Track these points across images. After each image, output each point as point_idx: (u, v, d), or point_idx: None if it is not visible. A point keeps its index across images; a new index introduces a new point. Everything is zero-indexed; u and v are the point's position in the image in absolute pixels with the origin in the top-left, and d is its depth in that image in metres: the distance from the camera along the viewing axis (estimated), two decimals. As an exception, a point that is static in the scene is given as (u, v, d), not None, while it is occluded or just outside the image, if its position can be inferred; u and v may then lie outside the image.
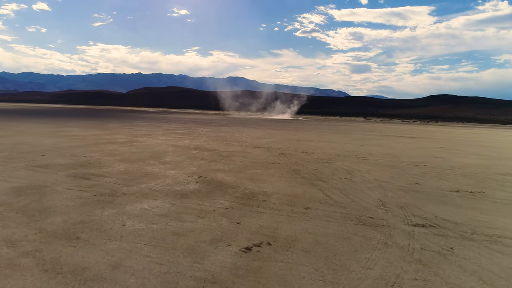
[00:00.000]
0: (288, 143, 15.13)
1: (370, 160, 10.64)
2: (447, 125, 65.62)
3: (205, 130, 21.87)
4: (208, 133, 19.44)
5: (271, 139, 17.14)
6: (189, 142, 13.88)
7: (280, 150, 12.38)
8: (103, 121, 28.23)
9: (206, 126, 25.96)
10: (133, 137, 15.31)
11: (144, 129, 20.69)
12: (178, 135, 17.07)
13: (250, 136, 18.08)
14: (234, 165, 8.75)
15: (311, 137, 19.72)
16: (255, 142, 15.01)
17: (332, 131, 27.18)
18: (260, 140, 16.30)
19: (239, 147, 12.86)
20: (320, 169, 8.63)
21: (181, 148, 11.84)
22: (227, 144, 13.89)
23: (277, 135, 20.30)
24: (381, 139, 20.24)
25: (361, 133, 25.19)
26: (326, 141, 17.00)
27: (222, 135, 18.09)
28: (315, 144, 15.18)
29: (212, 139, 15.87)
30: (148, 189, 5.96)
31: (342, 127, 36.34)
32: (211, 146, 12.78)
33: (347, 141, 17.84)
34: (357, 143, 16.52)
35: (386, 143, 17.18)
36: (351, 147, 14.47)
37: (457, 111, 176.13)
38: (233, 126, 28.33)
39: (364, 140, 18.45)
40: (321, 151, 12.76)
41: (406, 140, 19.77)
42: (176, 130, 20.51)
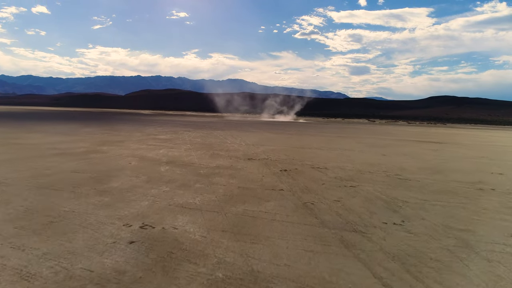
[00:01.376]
0: (291, 152, 12.05)
1: (409, 181, 7.55)
2: (456, 126, 62.43)
3: (193, 134, 18.79)
4: (195, 138, 16.35)
5: (269, 146, 14.06)
6: (164, 153, 10.79)
7: (282, 164, 9.29)
8: (82, 125, 25.14)
9: (196, 130, 22.88)
10: (98, 145, 12.22)
11: (122, 134, 17.60)
12: (157, 142, 13.99)
13: (244, 143, 15.00)
14: (212, 196, 5.67)
15: (317, 143, 16.64)
16: (250, 151, 11.92)
17: (339, 134, 24.10)
18: (256, 148, 13.22)
19: (227, 160, 9.78)
20: (346, 202, 5.55)
21: (148, 163, 8.75)
22: (213, 155, 10.80)
23: (277, 140, 17.22)
24: (401, 145, 17.16)
25: (374, 138, 22.11)
26: (337, 149, 13.91)
27: (211, 142, 15.00)
28: (325, 154, 12.09)
29: (196, 147, 12.78)
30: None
31: (348, 130, 33.27)
32: (191, 159, 9.69)
33: (363, 148, 14.75)
34: (376, 152, 13.43)
35: (411, 151, 14.09)
36: (372, 158, 11.38)
37: (460, 113, 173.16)
38: (227, 129, 25.25)
39: (383, 148, 15.37)
40: (336, 164, 9.67)
41: (432, 147, 16.69)
42: (159, 135, 17.42)
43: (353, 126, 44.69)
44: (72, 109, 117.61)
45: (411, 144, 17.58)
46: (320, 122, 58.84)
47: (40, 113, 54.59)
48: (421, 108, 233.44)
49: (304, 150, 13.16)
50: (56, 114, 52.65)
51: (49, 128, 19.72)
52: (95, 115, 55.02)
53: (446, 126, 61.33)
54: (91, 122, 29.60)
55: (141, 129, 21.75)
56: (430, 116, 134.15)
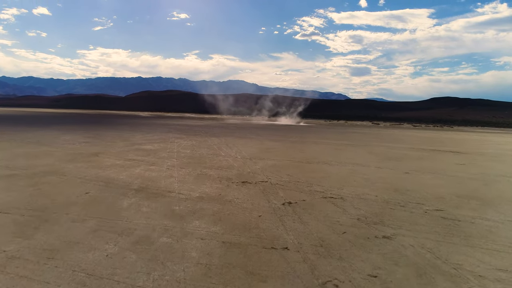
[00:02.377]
0: (295, 170, 10.02)
1: (461, 222, 5.51)
2: (464, 130, 60.26)
3: (184, 144, 16.78)
4: (184, 149, 14.32)
5: (269, 159, 12.04)
6: (140, 173, 8.78)
7: (285, 191, 7.27)
8: (65, 131, 23.13)
9: (189, 137, 20.87)
10: (65, 161, 10.23)
11: (103, 144, 15.61)
12: (138, 155, 11.98)
13: (240, 155, 12.98)
14: (178, 268, 3.63)
15: (324, 154, 14.61)
16: (246, 169, 9.90)
17: (346, 141, 22.07)
18: (253, 163, 11.19)
19: (216, 184, 7.76)
20: (387, 279, 3.52)
21: (110, 193, 6.73)
22: (199, 176, 8.78)
23: (278, 151, 15.20)
24: (419, 156, 15.12)
25: (384, 146, 20.07)
26: (348, 163, 11.88)
27: (202, 154, 12.99)
28: (336, 172, 10.05)
29: (183, 162, 10.76)
30: None
31: (354, 135, 31.22)
32: (170, 184, 7.68)
33: (377, 161, 12.72)
34: (395, 167, 11.39)
35: (436, 166, 12.05)
36: (394, 178, 9.34)
37: (463, 114, 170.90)
38: (224, 136, 23.24)
39: (400, 161, 13.33)
40: (353, 190, 7.63)
41: (455, 159, 14.64)
42: (145, 145, 15.42)
43: (357, 130, 42.66)
44: (69, 111, 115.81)
45: (430, 155, 15.53)
46: (322, 125, 56.81)
47: (30, 115, 52.68)
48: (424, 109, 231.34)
49: (310, 165, 11.13)
50: (47, 117, 50.71)
51: (23, 135, 17.73)
52: (88, 118, 53.12)
53: (454, 129, 59.20)
54: (77, 127, 27.61)
55: (128, 137, 19.74)
56: (434, 118, 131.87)
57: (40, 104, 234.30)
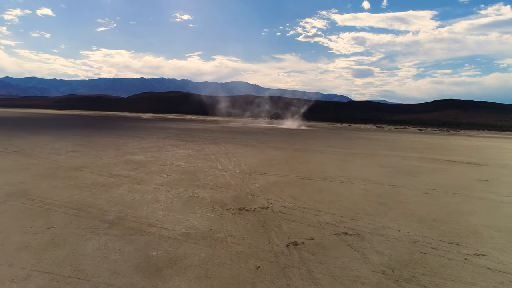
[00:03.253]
0: (300, 189, 8.82)
1: (516, 278, 4.30)
2: (472, 134, 58.68)
3: (180, 153, 15.61)
4: (178, 161, 13.15)
5: (271, 174, 10.84)
6: (121, 195, 7.60)
7: (289, 224, 6.08)
8: (58, 136, 22.02)
9: (187, 144, 19.70)
10: (39, 179, 9.10)
11: (92, 153, 14.48)
12: (125, 169, 10.83)
13: (239, 168, 11.79)
14: None
15: (331, 166, 13.40)
16: (244, 189, 8.70)
17: (352, 150, 20.84)
18: (254, 179, 10.00)
19: (207, 213, 6.57)
20: None
21: (77, 226, 5.55)
22: (190, 199, 7.59)
23: (281, 162, 14.01)
24: (434, 169, 13.87)
25: (394, 155, 18.83)
26: (358, 179, 10.66)
27: (198, 167, 11.81)
28: (346, 192, 8.84)
29: (173, 179, 9.58)
30: None
31: (359, 141, 29.97)
32: (153, 211, 6.49)
33: (390, 176, 11.47)
34: (411, 184, 10.15)
35: (455, 183, 10.80)
36: (412, 201, 8.11)
37: (467, 117, 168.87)
38: (224, 142, 22.07)
39: (416, 176, 12.09)
40: (369, 220, 6.42)
41: (475, 173, 13.38)
42: (137, 154, 14.26)
43: (362, 135, 41.37)
44: (70, 112, 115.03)
45: (445, 168, 14.27)
46: (326, 129, 55.53)
47: (28, 118, 51.74)
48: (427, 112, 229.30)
49: (317, 183, 9.92)
50: (44, 119, 49.75)
51: (10, 142, 16.60)
52: (86, 121, 52.15)
53: (461, 133, 57.70)
54: (72, 131, 26.51)
55: (122, 144, 18.59)
56: (439, 121, 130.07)
57: (42, 105, 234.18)
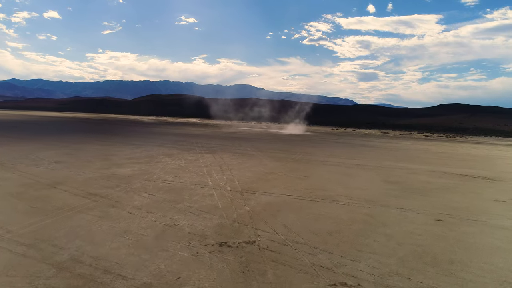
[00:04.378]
0: (295, 215, 7.76)
1: None
2: (480, 141, 57.03)
3: (171, 164, 14.62)
4: (167, 174, 12.14)
5: (265, 193, 9.81)
6: (85, 226, 6.61)
7: (277, 266, 5.04)
8: (46, 143, 21.17)
9: (181, 153, 18.72)
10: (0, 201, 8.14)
11: (76, 164, 13.56)
12: (105, 186, 9.86)
13: (231, 185, 10.76)
14: None
15: (332, 181, 12.33)
16: (232, 214, 7.65)
17: (356, 160, 19.73)
18: (244, 200, 8.97)
19: (180, 252, 5.54)
20: None
21: (10, 276, 4.56)
22: (166, 229, 6.57)
23: (278, 176, 12.97)
24: (448, 187, 12.74)
25: (400, 167, 17.70)
26: (362, 200, 9.59)
27: (186, 183, 10.80)
28: (348, 219, 7.76)
29: (155, 201, 8.58)
30: None
31: (363, 150, 28.80)
32: (115, 249, 5.48)
33: (397, 196, 10.38)
34: (421, 207, 9.05)
35: (470, 205, 9.67)
36: (424, 232, 7.03)
37: (474, 122, 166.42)
38: (221, 151, 21.08)
39: (425, 195, 10.98)
40: (373, 263, 5.37)
41: (491, 191, 12.22)
42: (123, 167, 13.29)
43: (367, 141, 40.17)
44: (72, 114, 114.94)
45: (457, 184, 13.10)
46: (329, 135, 54.36)
47: (27, 121, 51.23)
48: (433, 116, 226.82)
49: (315, 206, 8.86)
50: (42, 123, 49.18)
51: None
52: (85, 124, 51.50)
53: (468, 140, 56.15)
54: (64, 137, 25.66)
55: (113, 153, 17.67)
56: (445, 125, 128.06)
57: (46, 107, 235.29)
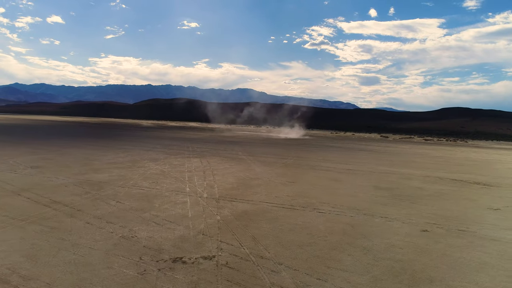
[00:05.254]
0: (269, 225, 7.14)
1: None
2: (480, 145, 56.12)
3: (153, 169, 14.04)
4: (145, 180, 11.55)
5: (244, 201, 9.19)
6: (31, 236, 6.01)
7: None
8: (31, 148, 20.67)
9: (168, 158, 18.15)
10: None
11: (56, 168, 13.00)
12: (74, 193, 9.28)
13: (209, 192, 10.16)
14: None
15: (318, 188, 11.71)
16: (199, 224, 7.04)
17: (349, 164, 19.10)
18: (219, 207, 8.35)
19: (126, 270, 4.93)
20: None
21: None
22: (120, 241, 5.96)
23: (263, 182, 12.37)
24: (439, 192, 12.10)
25: (394, 172, 17.06)
26: (346, 208, 8.96)
27: (161, 190, 10.21)
28: (325, 230, 7.14)
29: (121, 209, 7.98)
30: None
31: (359, 154, 28.14)
32: (52, 267, 4.87)
33: (384, 204, 9.73)
34: (407, 215, 8.40)
35: (462, 213, 9.03)
36: (406, 244, 6.39)
37: (475, 126, 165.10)
38: (211, 155, 20.51)
39: (415, 201, 10.33)
40: (348, 285, 4.75)
41: (486, 197, 11.57)
42: (101, 173, 12.71)
43: (364, 145, 39.48)
44: (72, 118, 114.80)
45: (451, 191, 12.43)
46: (327, 138, 53.70)
47: (23, 125, 50.90)
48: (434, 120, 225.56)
49: (293, 214, 8.23)
50: (37, 127, 48.81)
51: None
52: (80, 128, 51.09)
53: (469, 144, 55.37)
54: (52, 141, 25.18)
55: (96, 157, 17.12)
56: (446, 129, 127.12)
57: (47, 111, 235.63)
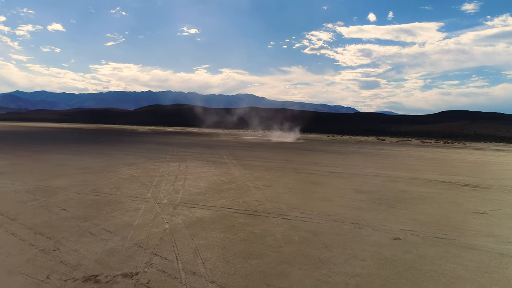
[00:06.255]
0: (218, 236, 6.32)
1: None
2: (478, 147, 55.09)
3: (124, 173, 13.25)
4: (108, 185, 10.75)
5: (203, 208, 8.38)
6: None
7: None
8: (8, 154, 19.93)
9: (146, 162, 17.36)
10: None
11: (21, 173, 12.23)
12: (16, 200, 8.47)
13: (171, 197, 9.35)
14: None
15: (294, 191, 10.88)
16: (140, 234, 6.24)
17: (336, 167, 18.26)
18: (173, 214, 7.54)
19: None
20: None
21: None
22: (36, 256, 5.14)
23: (235, 186, 11.57)
24: (423, 196, 11.24)
25: (381, 174, 16.22)
26: (316, 213, 8.14)
27: (119, 196, 9.40)
28: (285, 240, 6.31)
29: (62, 217, 7.17)
30: None
31: (350, 157, 27.30)
32: None
33: (361, 208, 8.90)
34: (382, 220, 7.57)
35: (444, 218, 8.18)
36: (370, 258, 5.55)
37: (475, 128, 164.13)
38: (194, 159, 19.72)
39: (394, 206, 9.48)
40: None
41: (474, 200, 10.70)
42: (62, 178, 11.92)
43: (359, 148, 38.62)
44: (70, 125, 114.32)
45: (437, 193, 11.57)
46: (323, 142, 52.86)
47: (10, 132, 50.26)
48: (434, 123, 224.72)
49: (253, 222, 7.41)
50: (26, 133, 48.15)
51: None
52: (70, 134, 50.42)
53: (466, 146, 54.39)
54: (36, 147, 24.45)
55: (70, 162, 16.38)
56: (444, 132, 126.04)
57: (47, 118, 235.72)
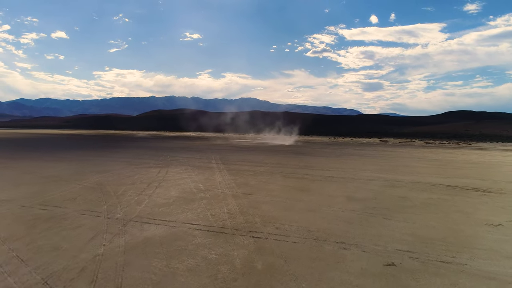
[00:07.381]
0: (154, 270, 5.08)
1: None
2: (484, 147, 53.22)
3: (94, 180, 12.05)
4: (62, 196, 9.56)
5: (161, 224, 7.14)
6: None
7: None
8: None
9: (124, 168, 16.18)
10: None
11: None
12: None
13: (127, 211, 8.13)
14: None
15: (278, 201, 9.60)
16: (60, 264, 5.01)
17: (330, 171, 16.93)
18: (119, 233, 6.32)
19: None
20: None
21: None
22: None
23: (210, 195, 10.32)
24: (426, 203, 9.90)
25: (379, 178, 14.85)
26: (296, 231, 6.88)
27: (67, 210, 8.20)
28: (246, 269, 5.06)
29: None
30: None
31: (348, 159, 25.92)
32: None
33: (350, 219, 7.60)
34: (376, 236, 6.28)
35: (451, 232, 6.86)
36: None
37: (480, 128, 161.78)
38: (179, 164, 18.52)
39: (390, 217, 8.16)
40: None
41: (485, 209, 9.33)
42: (14, 189, 10.76)
43: (359, 150, 37.17)
44: (71, 131, 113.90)
45: (442, 200, 10.21)
46: (323, 144, 51.45)
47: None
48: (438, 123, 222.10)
49: (216, 241, 6.15)
50: (16, 140, 47.33)
51: None
52: (67, 141, 49.56)
53: (472, 146, 52.64)
54: (17, 154, 23.40)
55: (39, 170, 15.29)
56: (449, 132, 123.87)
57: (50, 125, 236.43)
